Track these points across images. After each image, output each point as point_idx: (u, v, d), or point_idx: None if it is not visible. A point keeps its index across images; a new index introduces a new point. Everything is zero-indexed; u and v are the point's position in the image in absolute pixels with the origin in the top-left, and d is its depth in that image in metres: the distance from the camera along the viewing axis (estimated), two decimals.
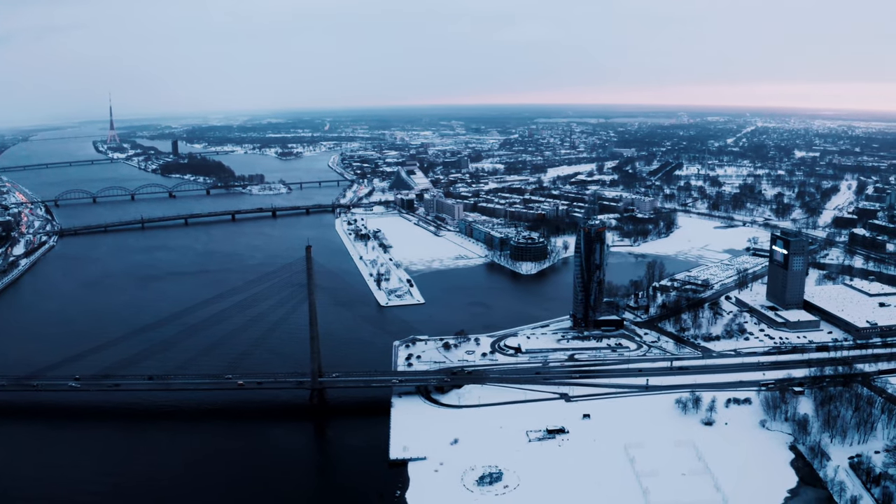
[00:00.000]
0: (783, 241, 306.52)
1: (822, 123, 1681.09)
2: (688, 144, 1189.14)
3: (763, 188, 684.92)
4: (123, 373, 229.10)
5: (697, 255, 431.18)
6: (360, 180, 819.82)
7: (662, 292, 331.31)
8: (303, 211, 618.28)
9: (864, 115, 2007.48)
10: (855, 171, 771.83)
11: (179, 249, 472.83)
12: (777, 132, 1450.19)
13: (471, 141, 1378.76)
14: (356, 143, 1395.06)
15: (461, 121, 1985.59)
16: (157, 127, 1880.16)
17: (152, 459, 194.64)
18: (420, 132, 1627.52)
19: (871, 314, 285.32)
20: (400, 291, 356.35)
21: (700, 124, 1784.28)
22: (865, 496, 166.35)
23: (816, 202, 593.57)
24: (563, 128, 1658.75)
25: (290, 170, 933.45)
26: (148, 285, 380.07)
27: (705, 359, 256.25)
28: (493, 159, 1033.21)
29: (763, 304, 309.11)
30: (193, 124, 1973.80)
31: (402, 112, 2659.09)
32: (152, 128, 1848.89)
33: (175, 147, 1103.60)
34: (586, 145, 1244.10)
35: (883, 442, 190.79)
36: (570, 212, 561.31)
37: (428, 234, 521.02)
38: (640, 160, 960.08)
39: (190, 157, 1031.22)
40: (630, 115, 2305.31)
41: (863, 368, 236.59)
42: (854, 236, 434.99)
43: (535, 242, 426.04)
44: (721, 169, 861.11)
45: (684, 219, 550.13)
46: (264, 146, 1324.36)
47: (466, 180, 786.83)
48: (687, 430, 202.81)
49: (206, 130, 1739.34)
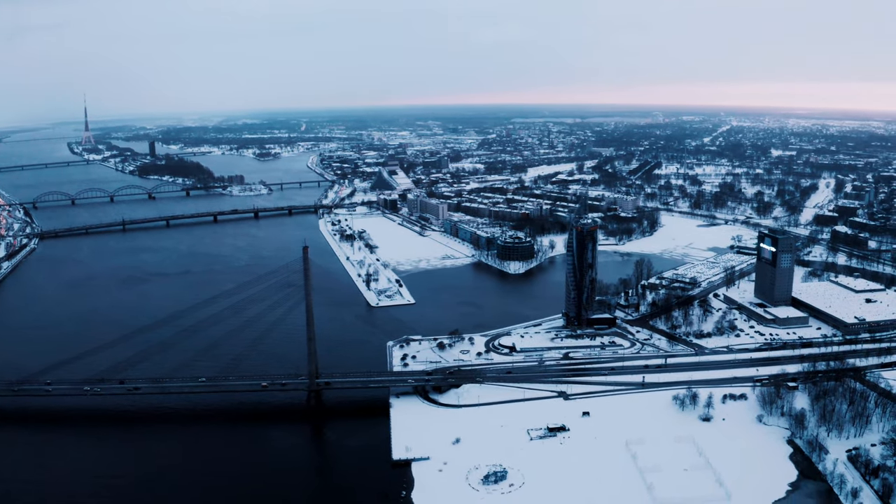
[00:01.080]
0: (771, 238, 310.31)
1: (797, 122, 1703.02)
2: (665, 144, 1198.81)
3: (743, 187, 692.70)
4: (118, 377, 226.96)
5: (683, 254, 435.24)
6: (341, 181, 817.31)
7: (651, 290, 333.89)
8: (285, 212, 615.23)
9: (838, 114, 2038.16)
10: (832, 170, 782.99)
11: (163, 251, 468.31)
12: (753, 131, 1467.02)
13: (449, 141, 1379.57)
14: (334, 143, 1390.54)
15: (438, 121, 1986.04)
16: (131, 128, 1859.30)
17: (150, 463, 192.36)
18: (397, 132, 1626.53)
19: (859, 310, 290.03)
20: (389, 292, 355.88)
21: (676, 123, 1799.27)
22: (865, 488, 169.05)
23: (796, 200, 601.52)
24: (540, 128, 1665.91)
25: (269, 170, 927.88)
26: (134, 287, 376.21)
27: (698, 356, 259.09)
28: (472, 159, 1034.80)
29: (751, 301, 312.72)
30: (168, 125, 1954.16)
31: (378, 112, 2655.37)
32: (127, 129, 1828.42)
33: (152, 148, 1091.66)
34: (564, 145, 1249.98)
35: (879, 435, 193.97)
36: (554, 211, 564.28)
37: (413, 235, 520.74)
38: (619, 159, 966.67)
39: (167, 158, 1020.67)
40: (606, 114, 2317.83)
41: (854, 363, 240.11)
42: (836, 234, 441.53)
43: (523, 242, 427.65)
44: (700, 168, 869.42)
45: (667, 217, 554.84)
46: (241, 147, 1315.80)
47: (448, 180, 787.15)
48: (686, 426, 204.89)
49: (182, 131, 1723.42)
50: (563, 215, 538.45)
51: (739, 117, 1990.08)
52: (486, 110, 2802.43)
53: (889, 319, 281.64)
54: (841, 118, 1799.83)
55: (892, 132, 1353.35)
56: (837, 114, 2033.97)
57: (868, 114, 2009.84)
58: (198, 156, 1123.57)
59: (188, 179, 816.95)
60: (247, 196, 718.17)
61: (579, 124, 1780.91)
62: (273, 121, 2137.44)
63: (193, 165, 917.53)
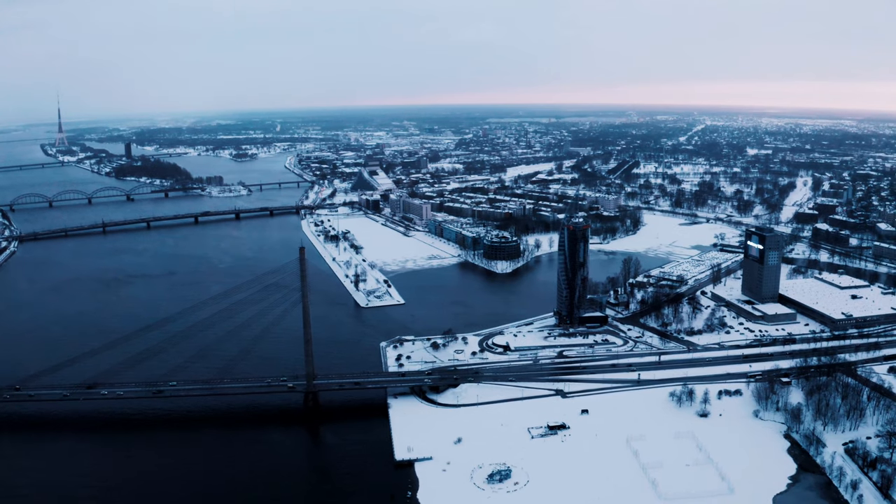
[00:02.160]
0: (759, 236, 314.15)
1: (770, 121, 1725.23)
2: (642, 143, 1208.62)
3: (721, 185, 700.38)
4: (110, 381, 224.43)
5: (667, 252, 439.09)
6: (321, 181, 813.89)
7: (639, 288, 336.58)
8: (267, 213, 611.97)
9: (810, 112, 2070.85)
10: (809, 168, 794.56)
11: (145, 253, 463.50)
12: (727, 130, 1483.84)
13: (426, 141, 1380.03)
14: (310, 144, 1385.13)
15: (413, 121, 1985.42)
16: (104, 129, 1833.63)
17: (146, 469, 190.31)
18: (373, 133, 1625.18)
19: (845, 306, 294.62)
20: (378, 292, 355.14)
21: (651, 123, 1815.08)
22: (864, 480, 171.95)
23: (776, 199, 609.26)
24: (517, 127, 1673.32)
25: (246, 171, 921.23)
26: (119, 290, 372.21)
27: (691, 352, 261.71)
28: (450, 159, 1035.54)
29: (739, 299, 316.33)
30: (142, 126, 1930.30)
31: (353, 112, 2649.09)
32: (100, 130, 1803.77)
33: (128, 150, 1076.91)
34: (542, 145, 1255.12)
35: (874, 428, 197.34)
36: (537, 210, 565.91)
37: (397, 235, 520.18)
38: (597, 159, 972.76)
39: (143, 159, 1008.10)
40: (581, 114, 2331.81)
41: (845, 358, 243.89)
42: (817, 231, 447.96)
43: (509, 241, 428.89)
44: (677, 167, 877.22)
45: (649, 216, 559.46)
46: (218, 148, 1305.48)
47: (428, 180, 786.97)
48: (684, 422, 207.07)
49: (156, 132, 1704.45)
50: (547, 215, 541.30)
51: (713, 116, 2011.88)
52: (461, 110, 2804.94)
53: (875, 315, 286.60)
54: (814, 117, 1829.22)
55: (865, 131, 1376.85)
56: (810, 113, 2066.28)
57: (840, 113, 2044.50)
58: (174, 157, 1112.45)
59: (166, 181, 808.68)
60: (226, 197, 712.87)
61: (555, 124, 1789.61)
62: (247, 121, 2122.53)
63: (170, 167, 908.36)
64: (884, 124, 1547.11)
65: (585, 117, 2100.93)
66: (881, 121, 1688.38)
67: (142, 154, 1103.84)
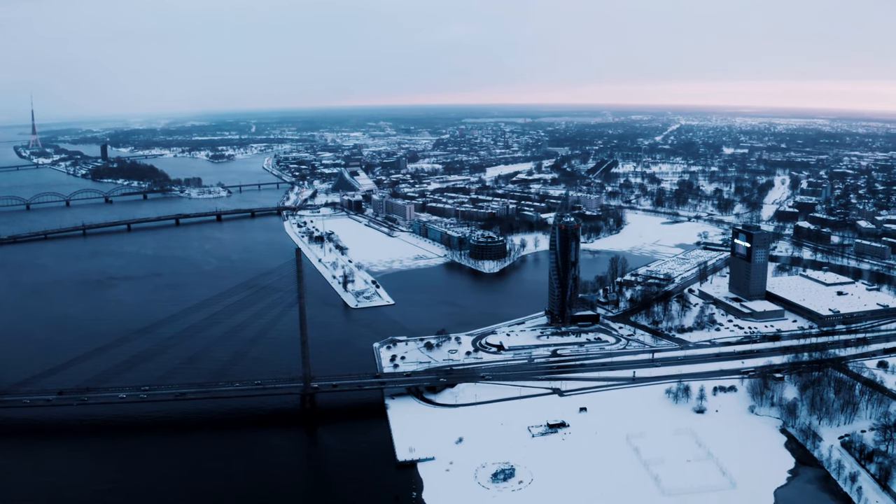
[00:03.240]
0: (745, 234, 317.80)
1: (744, 121, 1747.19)
2: (619, 143, 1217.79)
3: (700, 184, 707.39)
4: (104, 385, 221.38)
5: (651, 251, 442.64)
6: (301, 182, 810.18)
7: (628, 287, 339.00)
8: (248, 214, 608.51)
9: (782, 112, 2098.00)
10: (786, 167, 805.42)
11: (127, 255, 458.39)
12: (702, 129, 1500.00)
13: (403, 141, 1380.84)
14: (287, 145, 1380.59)
15: (389, 121, 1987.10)
16: (77, 131, 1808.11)
17: (142, 474, 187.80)
18: (350, 133, 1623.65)
19: (832, 302, 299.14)
20: (367, 293, 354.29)
21: (626, 123, 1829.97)
22: (862, 473, 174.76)
23: (755, 197, 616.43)
24: (493, 127, 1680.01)
25: (224, 173, 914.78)
26: (103, 293, 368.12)
27: (684, 350, 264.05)
28: (429, 159, 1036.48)
29: (727, 296, 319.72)
30: (115, 128, 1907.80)
31: (328, 113, 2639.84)
32: (73, 132, 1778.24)
33: (104, 151, 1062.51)
34: (519, 145, 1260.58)
35: (868, 421, 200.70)
36: (520, 210, 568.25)
37: (381, 235, 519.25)
38: (576, 158, 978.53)
39: (119, 161, 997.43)
40: (556, 114, 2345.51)
41: (836, 353, 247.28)
42: (799, 229, 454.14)
43: (495, 241, 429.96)
44: (655, 166, 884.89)
45: (631, 215, 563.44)
46: (194, 149, 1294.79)
47: (409, 181, 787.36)
48: (681, 418, 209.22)
49: (130, 134, 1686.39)
50: (530, 214, 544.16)
51: (687, 116, 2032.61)
52: (436, 111, 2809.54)
53: (862, 311, 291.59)
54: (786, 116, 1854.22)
55: (838, 129, 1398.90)
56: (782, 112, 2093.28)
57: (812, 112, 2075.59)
58: (149, 158, 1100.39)
59: (143, 182, 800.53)
60: (206, 199, 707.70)
61: (531, 124, 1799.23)
62: (222, 122, 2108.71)
63: (147, 168, 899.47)
64: (856, 123, 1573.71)
65: (560, 117, 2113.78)
66: (853, 120, 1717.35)
67: (117, 156, 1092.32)
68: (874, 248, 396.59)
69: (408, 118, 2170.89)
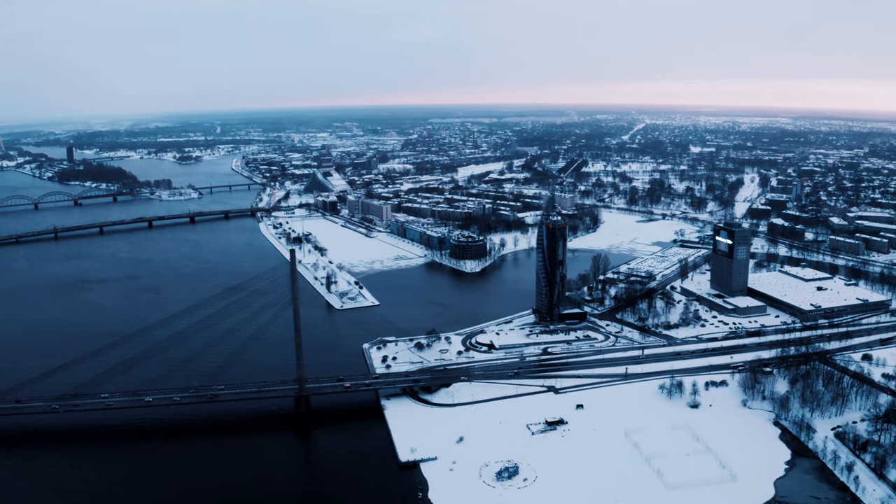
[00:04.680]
0: (727, 232, 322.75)
1: (708, 119, 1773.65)
2: (587, 142, 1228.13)
3: (671, 183, 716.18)
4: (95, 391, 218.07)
5: (630, 249, 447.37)
6: (272, 184, 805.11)
7: (610, 285, 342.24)
8: (222, 216, 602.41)
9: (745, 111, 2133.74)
10: (753, 165, 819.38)
11: (102, 258, 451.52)
12: (668, 129, 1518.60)
13: (371, 142, 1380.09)
14: (254, 146, 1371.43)
15: (356, 122, 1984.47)
16: (40, 133, 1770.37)
17: (136, 480, 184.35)
18: (316, 134, 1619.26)
19: (813, 298, 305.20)
20: (351, 294, 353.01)
21: (591, 122, 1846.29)
22: (858, 462, 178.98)
23: (727, 195, 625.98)
24: (460, 127, 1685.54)
25: (193, 174, 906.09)
26: (81, 297, 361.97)
27: (672, 346, 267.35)
28: (399, 160, 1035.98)
29: (709, 293, 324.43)
30: (78, 130, 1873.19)
31: (294, 114, 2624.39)
32: (35, 134, 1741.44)
33: (70, 153, 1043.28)
34: (488, 144, 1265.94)
35: (859, 413, 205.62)
36: (497, 210, 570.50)
37: (359, 236, 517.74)
38: (546, 158, 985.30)
39: (85, 163, 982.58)
40: (521, 114, 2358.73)
41: (822, 347, 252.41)
42: (773, 226, 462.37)
43: (476, 241, 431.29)
44: (625, 165, 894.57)
45: (606, 214, 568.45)
46: (160, 151, 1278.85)
47: (381, 181, 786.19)
48: (677, 413, 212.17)
49: (94, 136, 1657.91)
50: (507, 214, 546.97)
51: (652, 115, 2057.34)
52: (402, 111, 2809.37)
53: (842, 306, 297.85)
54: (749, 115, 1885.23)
55: (801, 128, 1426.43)
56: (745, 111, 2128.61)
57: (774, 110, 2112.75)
58: (116, 160, 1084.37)
59: (112, 185, 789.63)
60: (177, 200, 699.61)
61: (497, 124, 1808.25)
62: (186, 124, 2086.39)
63: (115, 170, 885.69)
64: (819, 121, 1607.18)
65: (526, 117, 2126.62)
66: (815, 118, 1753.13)
67: (83, 158, 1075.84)
68: (848, 244, 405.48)
69: (374, 118, 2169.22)
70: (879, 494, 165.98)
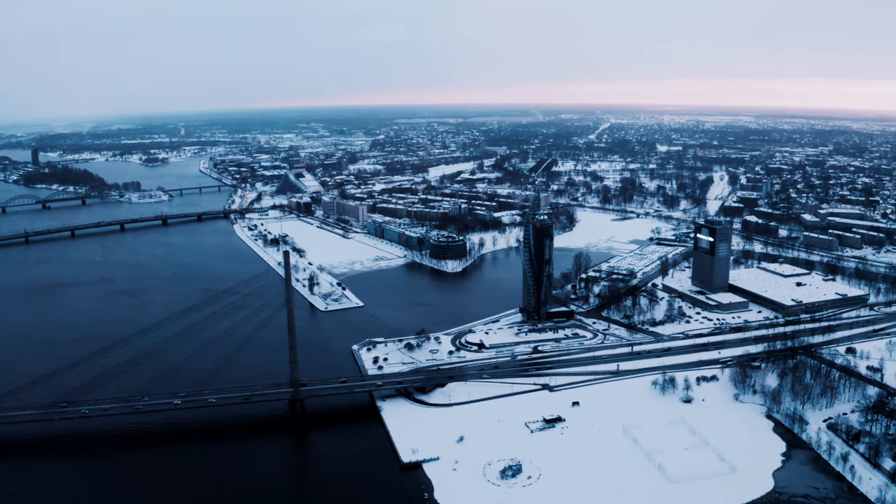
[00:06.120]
0: (709, 229, 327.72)
1: (672, 119, 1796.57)
2: (554, 142, 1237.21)
3: (642, 181, 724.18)
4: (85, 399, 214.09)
5: (607, 247, 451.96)
6: (243, 185, 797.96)
7: (593, 283, 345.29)
8: (194, 218, 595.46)
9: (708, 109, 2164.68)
10: (722, 163, 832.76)
11: (77, 262, 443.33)
12: (633, 128, 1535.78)
13: (338, 143, 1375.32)
14: (220, 147, 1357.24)
15: (321, 122, 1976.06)
16: (0, 136, 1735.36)
17: (129, 491, 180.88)
18: (282, 135, 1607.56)
19: (793, 293, 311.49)
20: (335, 295, 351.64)
21: (557, 122, 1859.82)
22: (852, 453, 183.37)
23: (698, 193, 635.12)
24: (426, 128, 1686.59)
25: (160, 176, 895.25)
26: (59, 301, 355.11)
27: (660, 342, 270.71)
28: (369, 160, 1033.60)
29: (691, 289, 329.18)
30: (39, 132, 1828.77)
31: (258, 115, 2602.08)
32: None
33: (35, 156, 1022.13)
34: (457, 144, 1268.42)
35: (848, 405, 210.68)
36: (472, 210, 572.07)
37: (336, 237, 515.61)
38: (515, 158, 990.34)
39: (50, 166, 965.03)
40: (486, 114, 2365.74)
41: (807, 341, 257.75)
42: (747, 223, 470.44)
43: (456, 241, 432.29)
44: (595, 164, 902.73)
45: (581, 213, 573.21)
46: (125, 153, 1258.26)
47: (353, 182, 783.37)
48: (671, 408, 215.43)
49: (56, 138, 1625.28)
50: (483, 214, 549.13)
51: (616, 115, 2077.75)
52: (367, 111, 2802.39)
53: (823, 300, 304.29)
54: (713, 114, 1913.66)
55: (764, 126, 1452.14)
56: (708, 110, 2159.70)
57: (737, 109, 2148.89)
58: (80, 163, 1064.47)
59: (79, 187, 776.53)
60: (147, 203, 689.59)
61: (464, 124, 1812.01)
62: (149, 125, 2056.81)
63: (82, 173, 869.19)
64: (781, 120, 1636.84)
65: (491, 117, 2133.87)
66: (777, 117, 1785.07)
67: (47, 161, 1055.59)
68: (822, 240, 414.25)
69: (339, 119, 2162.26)
70: (876, 483, 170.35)
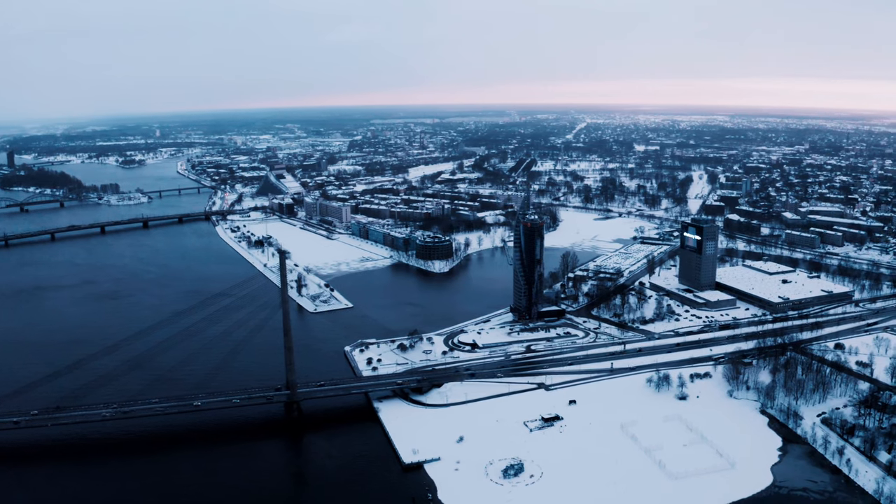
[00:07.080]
0: (696, 228, 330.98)
1: (647, 118, 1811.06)
2: (532, 142, 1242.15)
3: (622, 181, 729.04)
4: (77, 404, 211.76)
5: (592, 246, 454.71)
6: (223, 186, 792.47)
7: (581, 282, 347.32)
8: (175, 220, 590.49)
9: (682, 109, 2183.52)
10: (699, 163, 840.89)
11: (59, 265, 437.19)
12: (610, 128, 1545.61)
13: (316, 143, 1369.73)
14: (197, 148, 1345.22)
15: (297, 123, 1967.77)
16: None
17: (125, 496, 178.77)
18: (259, 136, 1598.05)
19: (779, 290, 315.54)
20: (323, 296, 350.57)
21: (533, 122, 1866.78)
22: (848, 447, 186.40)
23: (678, 192, 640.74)
24: (403, 128, 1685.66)
25: (138, 178, 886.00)
26: (43, 305, 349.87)
27: (651, 340, 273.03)
28: (347, 161, 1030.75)
29: (678, 287, 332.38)
30: (12, 135, 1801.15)
31: (234, 116, 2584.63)
32: None
33: (11, 158, 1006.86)
34: (435, 145, 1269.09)
35: (841, 399, 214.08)
36: (456, 210, 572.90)
37: (320, 238, 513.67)
38: (494, 158, 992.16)
39: (26, 168, 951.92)
40: (463, 114, 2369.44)
41: (796, 337, 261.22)
42: (729, 222, 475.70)
43: (442, 241, 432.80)
44: (574, 164, 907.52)
45: (563, 212, 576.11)
46: (101, 155, 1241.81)
47: (334, 183, 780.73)
48: (667, 405, 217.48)
49: (30, 140, 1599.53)
50: (467, 214, 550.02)
51: (592, 115, 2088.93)
52: (343, 112, 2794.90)
53: (809, 297, 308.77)
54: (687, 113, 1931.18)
55: (740, 125, 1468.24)
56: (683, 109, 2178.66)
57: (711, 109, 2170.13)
58: (56, 165, 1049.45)
59: (57, 190, 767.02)
60: (127, 205, 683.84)
61: (440, 124, 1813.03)
62: (124, 127, 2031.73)
63: (59, 175, 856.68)
64: (756, 119, 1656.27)
65: (468, 117, 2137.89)
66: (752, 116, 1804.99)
67: (22, 163, 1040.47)
68: (804, 238, 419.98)
69: (316, 120, 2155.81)
70: (872, 475, 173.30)
